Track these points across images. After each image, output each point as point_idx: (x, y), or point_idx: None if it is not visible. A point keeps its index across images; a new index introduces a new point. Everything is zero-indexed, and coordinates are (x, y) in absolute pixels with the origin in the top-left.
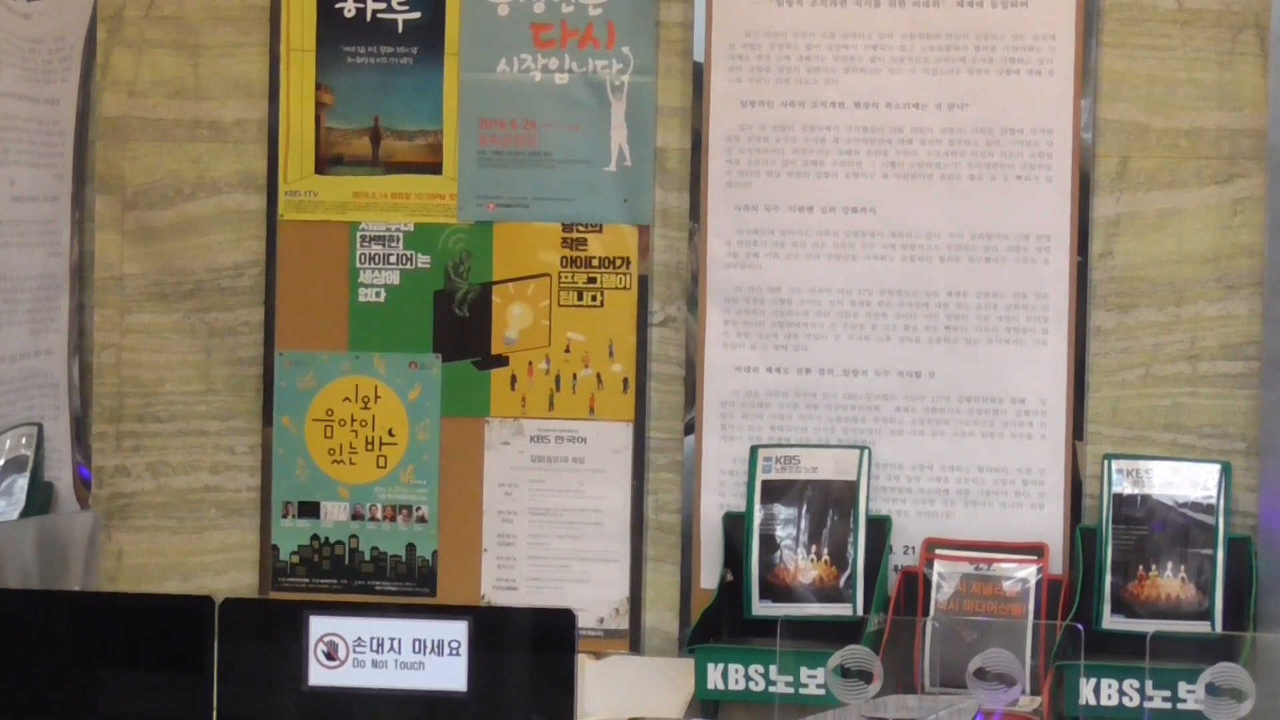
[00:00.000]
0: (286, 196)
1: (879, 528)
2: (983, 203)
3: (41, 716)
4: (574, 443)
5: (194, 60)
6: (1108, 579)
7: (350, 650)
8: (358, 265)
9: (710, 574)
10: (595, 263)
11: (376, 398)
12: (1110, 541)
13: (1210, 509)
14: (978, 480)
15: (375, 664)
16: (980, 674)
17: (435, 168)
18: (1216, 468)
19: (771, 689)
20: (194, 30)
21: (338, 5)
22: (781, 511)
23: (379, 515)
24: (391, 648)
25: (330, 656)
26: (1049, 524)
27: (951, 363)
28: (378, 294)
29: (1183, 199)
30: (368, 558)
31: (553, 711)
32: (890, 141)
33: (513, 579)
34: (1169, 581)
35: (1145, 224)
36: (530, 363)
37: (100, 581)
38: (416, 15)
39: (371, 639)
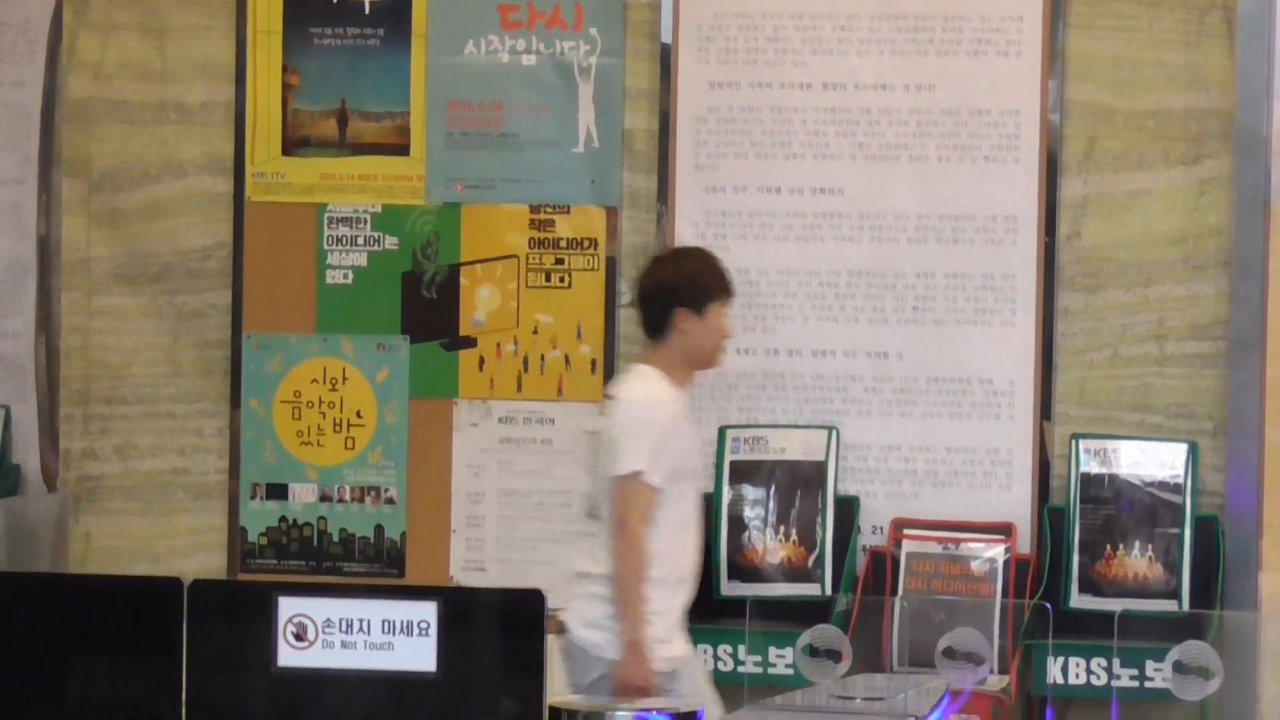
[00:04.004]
0: (254, 178)
1: (847, 508)
2: (950, 184)
3: (9, 698)
4: (542, 424)
5: (160, 43)
6: (1075, 558)
7: (319, 631)
8: (325, 247)
9: None
10: (563, 244)
11: (344, 379)
12: (1078, 521)
13: (1178, 488)
14: (946, 461)
15: (344, 645)
16: (949, 653)
17: (403, 149)
18: (1184, 447)
19: (740, 669)
20: (160, 12)
21: None
22: (750, 492)
23: (347, 497)
24: (361, 629)
25: (299, 637)
26: (1017, 504)
27: (919, 344)
28: (345, 276)
29: (1150, 180)
30: (336, 539)
31: (522, 691)
32: (858, 123)
33: (482, 560)
34: (1136, 561)
35: (1113, 205)
36: (498, 344)
37: (69, 564)
38: None
39: (341, 620)
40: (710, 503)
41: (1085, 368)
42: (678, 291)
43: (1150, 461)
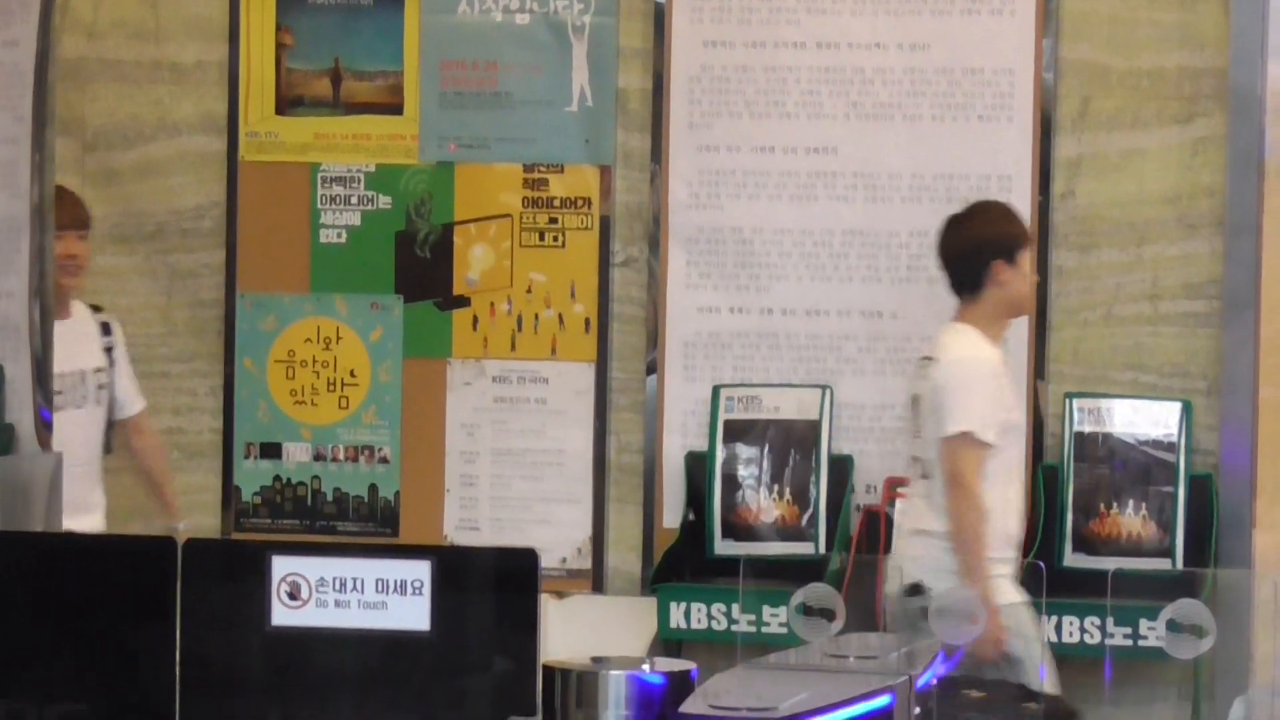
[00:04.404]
0: (247, 138)
1: (841, 467)
2: (944, 143)
3: (2, 659)
4: (536, 383)
5: (153, 1)
6: (1069, 517)
7: (313, 590)
8: (319, 206)
9: (672, 514)
10: (557, 203)
11: (338, 339)
12: (1072, 480)
13: (1171, 447)
14: None
15: (338, 604)
16: (942, 611)
17: (396, 109)
18: (1178, 406)
19: (734, 628)
20: None
21: None
22: (744, 451)
23: (341, 456)
24: (354, 588)
25: (293, 596)
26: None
27: (913, 303)
28: (339, 235)
29: (1144, 139)
30: (330, 498)
31: (515, 651)
32: (852, 82)
33: (475, 519)
34: (1130, 519)
35: (1106, 164)
36: (492, 303)
37: (62, 524)
38: None
39: (334, 579)
40: (703, 462)
41: (1079, 327)
42: (991, 244)
43: (1144, 420)
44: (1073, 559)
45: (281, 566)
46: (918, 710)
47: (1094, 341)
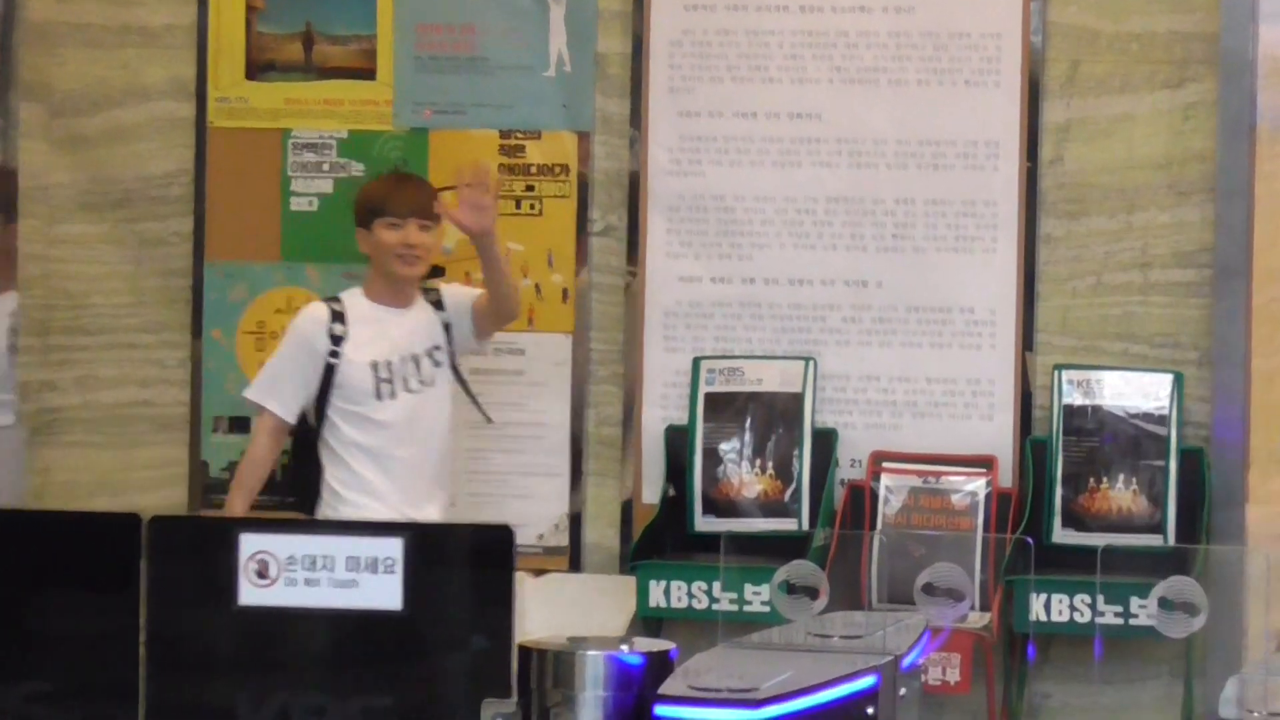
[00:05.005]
0: (217, 103)
1: (825, 441)
2: (930, 108)
3: None
4: (513, 355)
5: None
6: (1058, 492)
7: (282, 568)
8: (290, 173)
9: (652, 489)
10: (534, 170)
11: None
12: (1060, 453)
13: (1162, 420)
14: (926, 392)
15: (308, 582)
16: (928, 589)
17: (369, 73)
18: (1169, 378)
19: (715, 606)
20: None
21: None
22: (725, 425)
23: None
24: (325, 566)
25: (262, 575)
26: (998, 436)
27: (899, 272)
28: (310, 203)
29: (1134, 104)
30: None
31: (491, 630)
32: (835, 46)
33: (451, 494)
34: (1120, 494)
35: (1096, 129)
36: (468, 273)
37: (26, 499)
38: None
39: (304, 557)
40: (684, 436)
41: (1068, 296)
42: None
43: (1134, 392)
44: (1062, 535)
45: (250, 544)
46: (903, 691)
47: (1083, 311)
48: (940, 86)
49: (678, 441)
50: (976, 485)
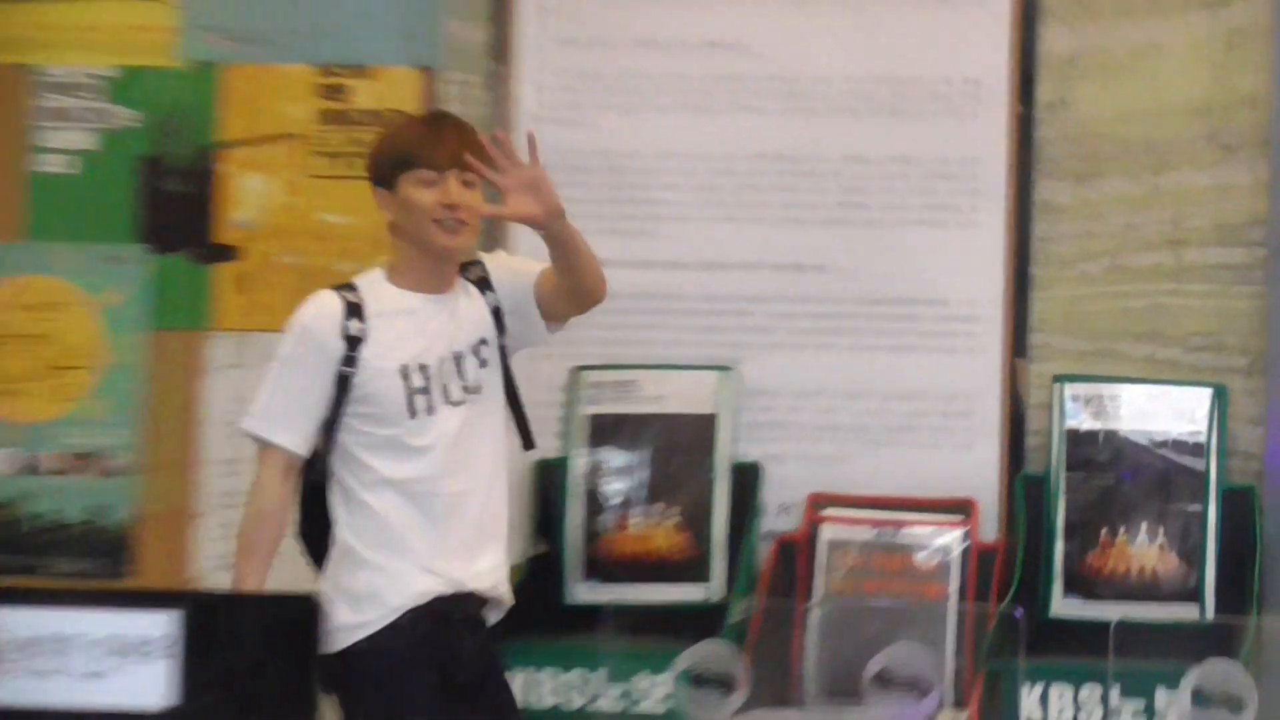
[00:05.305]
0: None
1: (747, 478)
2: (891, 37)
3: None
4: None
5: None
6: (1059, 547)
7: (14, 655)
8: (38, 124)
9: (515, 544)
10: (361, 118)
11: (61, 304)
12: (1063, 495)
13: (1199, 449)
14: (883, 412)
15: (47, 673)
16: (884, 679)
17: None
18: (1208, 393)
19: (597, 704)
20: None
21: None
22: (614, 458)
23: (58, 467)
24: (71, 650)
25: None
26: (979, 472)
27: (848, 253)
28: (66, 163)
29: (1162, 30)
30: (40, 525)
31: None
32: None
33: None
34: (1143, 549)
35: (1112, 64)
36: (268, 256)
37: None
38: None
39: (46, 638)
40: (558, 473)
41: (1074, 284)
42: None
43: (1162, 412)
44: (1064, 605)
45: None
46: None
47: (1094, 304)
48: (904, 7)
49: (549, 481)
50: (949, 538)
